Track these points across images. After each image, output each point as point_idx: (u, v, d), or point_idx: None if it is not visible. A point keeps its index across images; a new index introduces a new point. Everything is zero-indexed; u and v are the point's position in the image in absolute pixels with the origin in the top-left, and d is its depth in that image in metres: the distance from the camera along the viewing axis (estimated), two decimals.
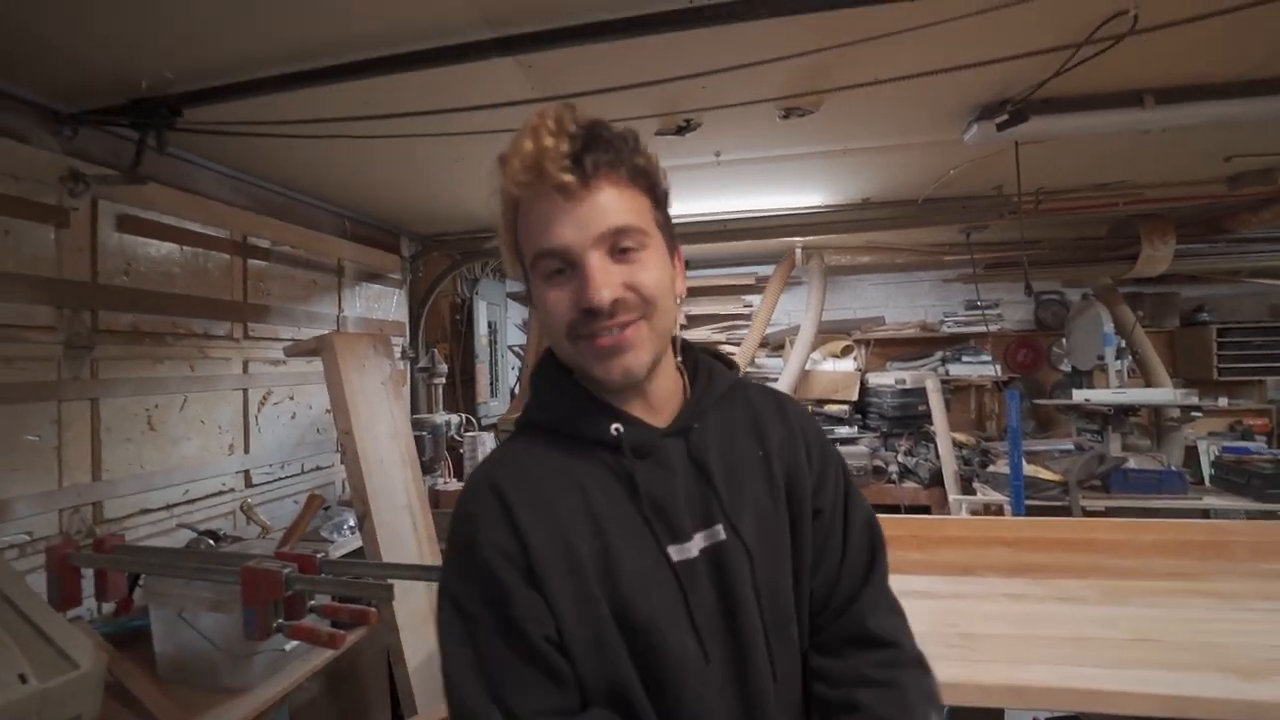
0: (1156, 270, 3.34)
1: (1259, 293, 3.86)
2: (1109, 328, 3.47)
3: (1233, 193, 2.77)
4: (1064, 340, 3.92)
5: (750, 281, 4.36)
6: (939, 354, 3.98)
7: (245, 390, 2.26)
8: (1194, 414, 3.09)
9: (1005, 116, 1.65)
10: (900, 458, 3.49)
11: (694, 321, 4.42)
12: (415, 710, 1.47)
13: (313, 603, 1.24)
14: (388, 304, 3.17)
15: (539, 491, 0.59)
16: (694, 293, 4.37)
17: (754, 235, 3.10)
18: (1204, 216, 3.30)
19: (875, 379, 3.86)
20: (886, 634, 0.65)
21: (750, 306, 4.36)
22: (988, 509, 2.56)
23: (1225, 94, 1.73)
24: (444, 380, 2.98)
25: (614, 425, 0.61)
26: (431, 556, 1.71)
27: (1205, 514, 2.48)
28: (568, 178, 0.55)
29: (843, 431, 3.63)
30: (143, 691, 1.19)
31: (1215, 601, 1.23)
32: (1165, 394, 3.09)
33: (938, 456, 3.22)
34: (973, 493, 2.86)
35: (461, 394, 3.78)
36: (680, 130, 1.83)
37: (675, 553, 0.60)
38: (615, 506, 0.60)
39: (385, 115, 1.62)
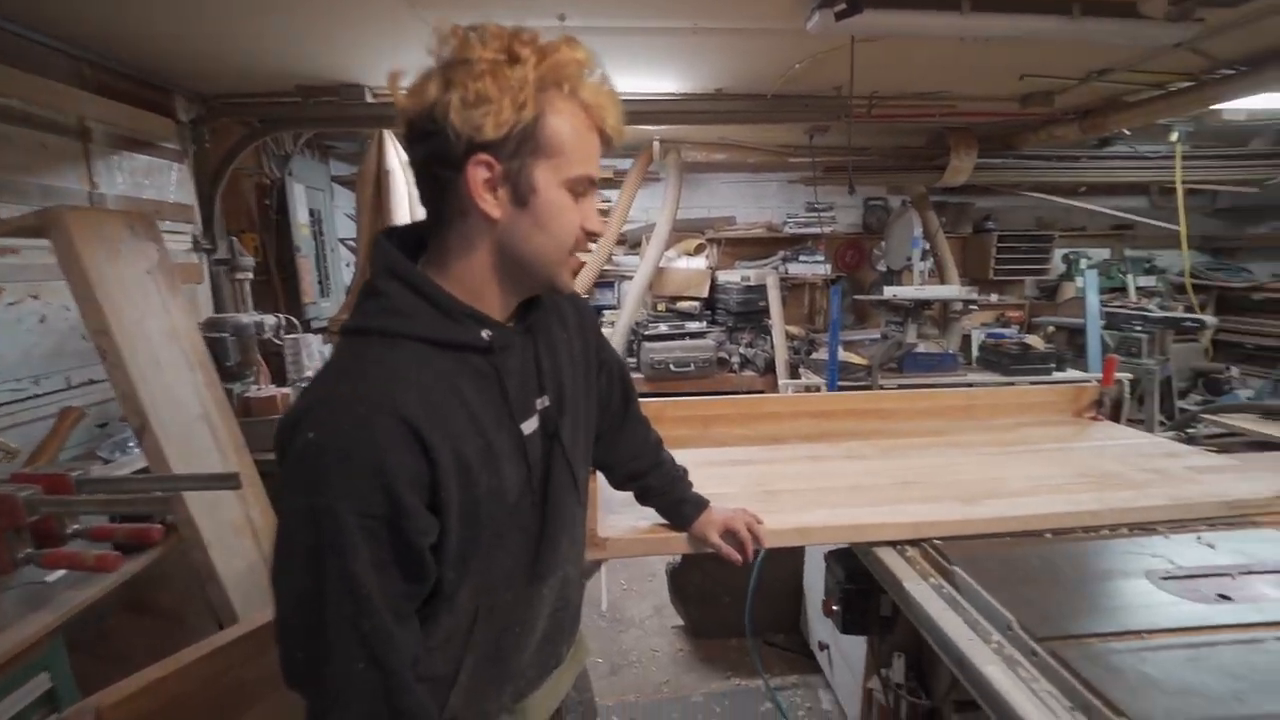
0: (959, 180, 3.78)
1: (1031, 205, 4.58)
2: (918, 232, 3.93)
3: (1022, 111, 3.15)
4: (883, 243, 4.39)
5: (609, 175, 4.22)
6: (781, 254, 4.26)
7: None
8: (972, 307, 3.69)
9: (843, 5, 1.66)
10: (742, 349, 3.78)
11: None
12: (236, 620, 1.37)
13: (77, 526, 1.06)
14: (164, 181, 2.58)
15: (436, 410, 0.64)
16: None
17: None
18: (999, 133, 3.76)
19: (724, 276, 4.05)
20: (654, 431, 1.09)
21: (609, 202, 4.26)
22: (808, 390, 2.90)
23: (1033, 8, 1.88)
24: (251, 275, 2.56)
25: (483, 331, 0.69)
26: (239, 466, 1.53)
27: (969, 386, 3.05)
28: (618, 138, 0.71)
29: (693, 326, 3.82)
30: None
31: (959, 451, 1.54)
32: (953, 290, 3.63)
33: (773, 347, 3.54)
34: (799, 377, 3.22)
35: (282, 292, 3.32)
36: None
37: (525, 427, 0.73)
38: (487, 402, 0.69)
39: None
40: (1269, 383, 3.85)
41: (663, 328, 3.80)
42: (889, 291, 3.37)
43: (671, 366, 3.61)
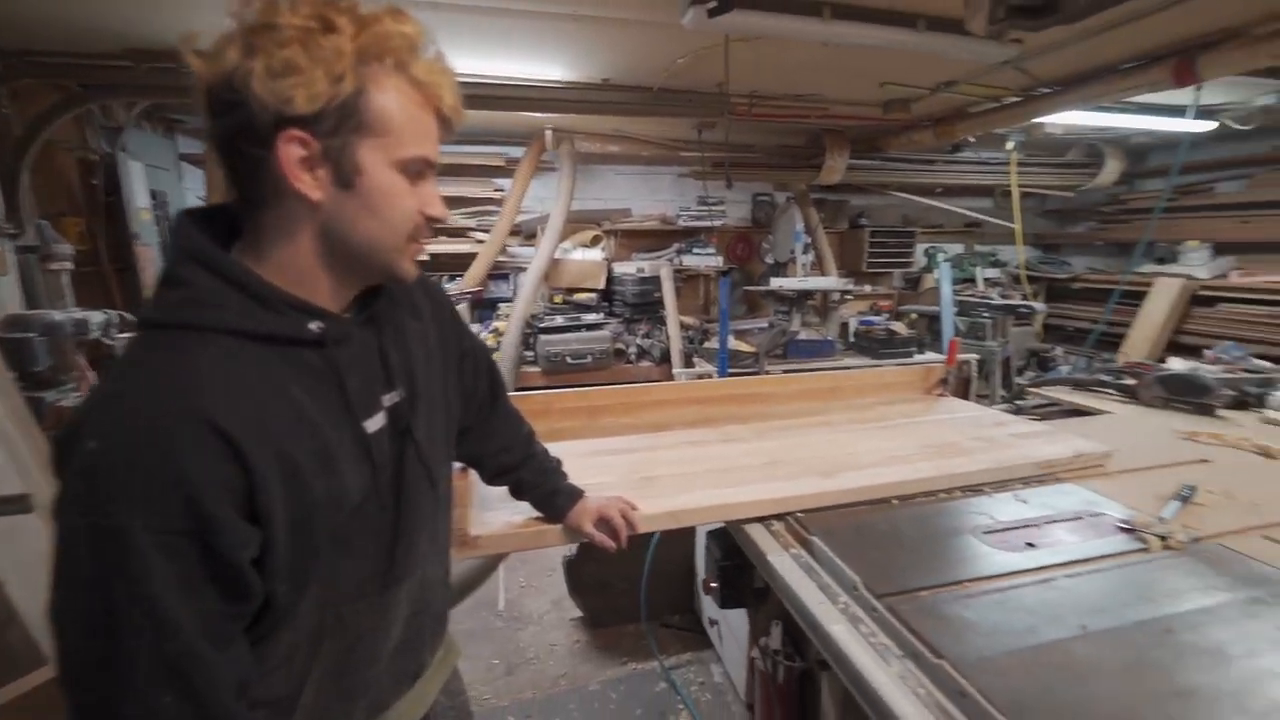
0: (834, 179, 4.05)
1: (898, 204, 5.02)
2: (800, 226, 4.18)
3: (884, 117, 3.44)
4: (770, 236, 4.62)
5: (500, 163, 4.09)
6: (675, 245, 4.35)
7: None
8: (848, 297, 3.98)
9: (714, 3, 1.71)
10: (639, 340, 3.83)
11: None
12: (44, 661, 1.18)
13: None
14: None
15: (253, 411, 0.58)
16: (440, 171, 3.96)
17: (494, 105, 2.84)
18: (867, 136, 4.07)
19: (620, 268, 4.07)
20: (526, 423, 1.08)
21: (501, 191, 4.13)
22: (700, 378, 3.00)
23: (885, 20, 2.04)
24: (71, 265, 2.21)
25: (312, 323, 0.64)
26: (43, 486, 1.31)
27: (846, 369, 3.29)
28: (457, 119, 0.68)
29: (589, 318, 3.80)
30: None
31: (826, 429, 1.65)
32: (831, 281, 3.90)
33: (669, 337, 3.62)
34: (693, 366, 3.31)
35: (117, 285, 2.91)
36: None
37: (369, 425, 0.69)
38: (320, 401, 0.64)
39: None
40: (1082, 359, 4.51)
41: (559, 320, 3.76)
42: (775, 282, 3.55)
43: (568, 359, 3.58)
